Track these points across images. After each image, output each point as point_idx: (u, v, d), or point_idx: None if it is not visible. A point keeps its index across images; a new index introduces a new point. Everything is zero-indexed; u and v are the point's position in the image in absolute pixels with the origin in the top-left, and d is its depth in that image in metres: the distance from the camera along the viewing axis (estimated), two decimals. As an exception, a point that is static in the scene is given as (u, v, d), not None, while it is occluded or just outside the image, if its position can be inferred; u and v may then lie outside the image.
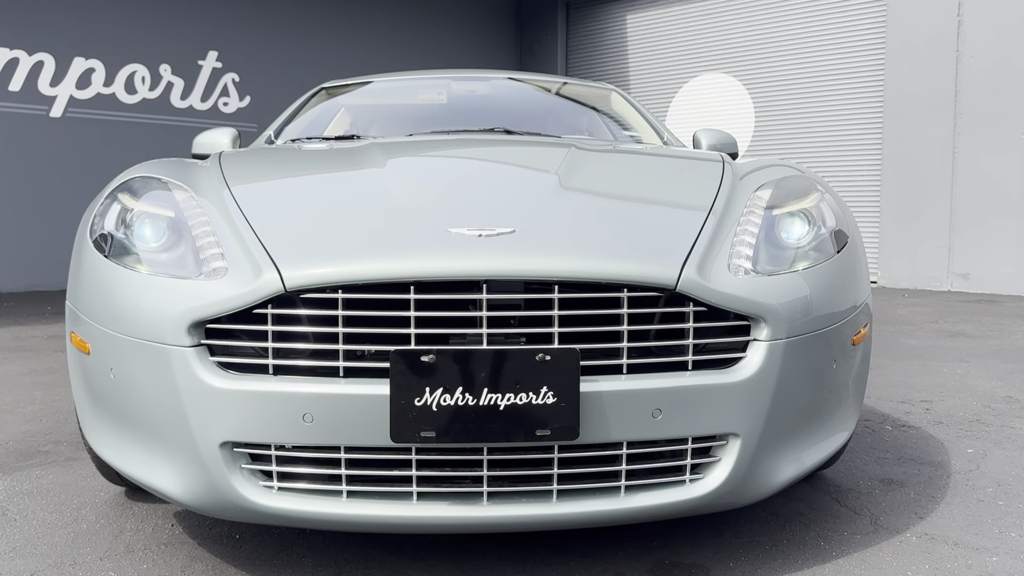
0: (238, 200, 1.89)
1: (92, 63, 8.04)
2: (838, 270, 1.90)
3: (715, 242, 1.77)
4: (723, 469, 1.67)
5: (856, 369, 1.98)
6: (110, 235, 1.88)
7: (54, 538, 2.00)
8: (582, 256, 1.62)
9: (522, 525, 1.61)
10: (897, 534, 2.00)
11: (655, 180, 2.28)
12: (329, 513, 1.59)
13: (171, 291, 1.67)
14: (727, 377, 1.64)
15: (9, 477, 2.46)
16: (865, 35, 9.05)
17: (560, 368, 1.52)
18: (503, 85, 3.73)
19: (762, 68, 9.82)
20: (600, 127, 3.49)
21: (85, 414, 1.93)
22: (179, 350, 1.61)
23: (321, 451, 1.59)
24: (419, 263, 1.56)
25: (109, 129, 8.21)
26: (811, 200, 2.03)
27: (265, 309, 1.58)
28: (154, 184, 2.00)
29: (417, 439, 1.52)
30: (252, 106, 9.20)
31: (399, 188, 1.94)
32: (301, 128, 3.30)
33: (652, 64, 10.85)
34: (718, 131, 3.35)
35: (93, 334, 1.81)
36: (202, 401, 1.59)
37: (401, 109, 3.63)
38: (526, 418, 1.52)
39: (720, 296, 1.64)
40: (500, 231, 1.66)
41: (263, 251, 1.65)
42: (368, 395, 1.53)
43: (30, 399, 3.49)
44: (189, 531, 2.03)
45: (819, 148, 9.42)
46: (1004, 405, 3.35)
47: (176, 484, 1.68)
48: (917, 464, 2.56)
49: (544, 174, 2.16)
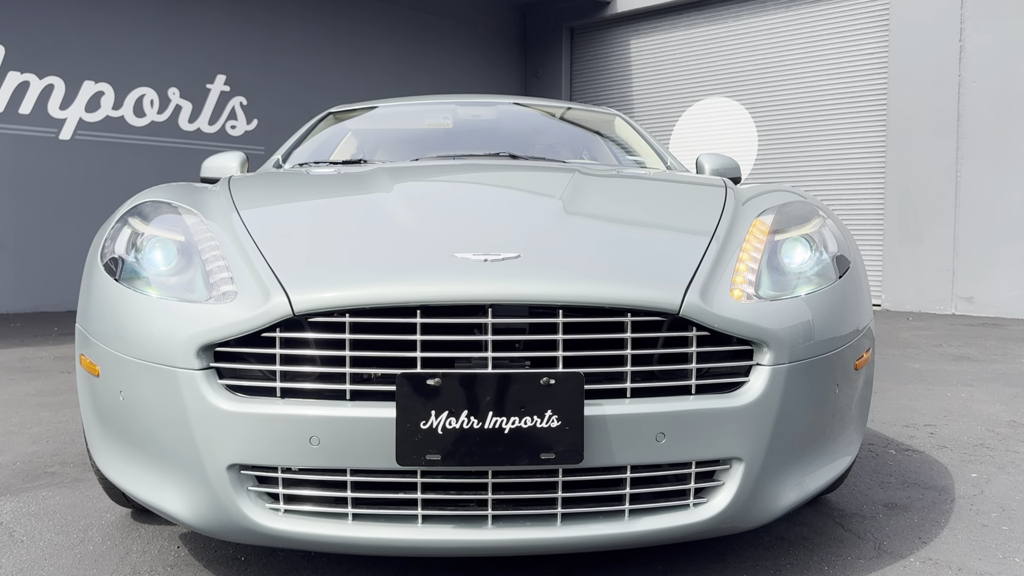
0: (247, 224, 1.92)
1: (101, 86, 8.13)
2: (840, 295, 1.91)
3: (718, 267, 1.79)
4: (727, 493, 1.67)
5: (859, 393, 1.99)
6: (121, 259, 1.91)
7: (61, 560, 2.01)
8: (586, 281, 1.63)
9: (526, 549, 1.61)
10: (901, 559, 2.00)
11: (658, 205, 2.30)
12: (334, 536, 1.60)
13: (180, 315, 1.69)
14: (730, 401, 1.65)
15: (16, 498, 2.48)
16: (868, 60, 9.12)
17: (564, 392, 1.53)
18: (508, 110, 3.77)
19: (765, 92, 9.88)
20: (604, 152, 3.52)
21: (93, 436, 1.95)
22: (188, 373, 1.63)
23: (327, 474, 1.60)
24: (425, 287, 1.58)
25: (118, 152, 8.28)
26: (813, 226, 2.05)
27: (273, 332, 1.60)
28: (164, 208, 2.04)
29: (423, 462, 1.53)
30: (259, 129, 9.28)
31: (405, 213, 1.97)
32: (309, 152, 3.33)
33: (656, 88, 10.93)
34: (721, 156, 3.38)
35: (103, 356, 1.83)
36: (210, 423, 1.60)
37: (408, 133, 3.67)
38: (531, 442, 1.53)
39: (723, 321, 1.65)
40: (505, 256, 1.68)
41: (272, 275, 1.67)
42: (374, 418, 1.55)
43: (37, 420, 3.51)
44: (195, 553, 2.04)
45: (822, 172, 9.46)
46: (1008, 429, 3.35)
47: (183, 506, 1.69)
48: (921, 488, 2.56)
49: (549, 199, 2.19)
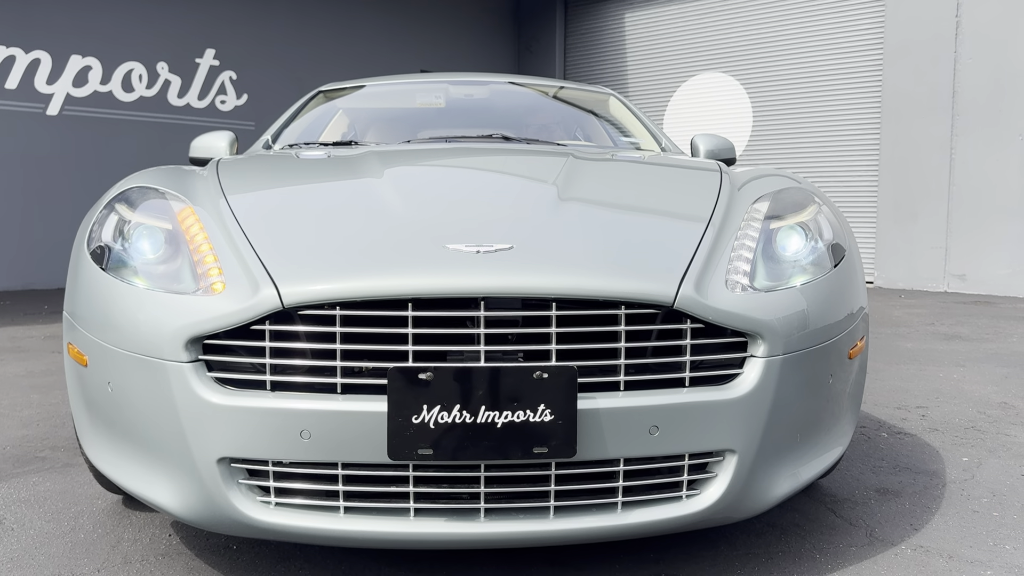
0: (236, 212, 1.89)
1: (89, 61, 8.02)
2: (835, 284, 1.90)
3: (713, 257, 1.77)
4: (720, 485, 1.67)
5: (852, 381, 1.99)
6: (108, 247, 1.88)
7: (52, 548, 2.00)
8: (579, 273, 1.61)
9: (519, 541, 1.61)
10: (892, 547, 2.01)
11: (653, 192, 2.28)
12: (326, 528, 1.59)
13: (168, 306, 1.67)
14: (724, 394, 1.64)
15: (6, 484, 2.46)
16: (863, 35, 9.05)
17: (557, 386, 1.52)
18: (501, 89, 3.72)
19: (760, 68, 9.82)
20: (598, 133, 3.49)
21: (83, 425, 1.93)
22: (176, 366, 1.61)
23: (319, 467, 1.59)
24: (417, 280, 1.56)
25: (106, 127, 8.19)
26: (808, 213, 2.03)
27: (263, 325, 1.58)
28: (151, 195, 2.00)
29: (415, 456, 1.52)
30: (249, 104, 9.18)
31: (397, 201, 1.94)
32: (299, 133, 3.29)
33: (650, 63, 10.84)
34: (716, 136, 3.35)
35: (90, 346, 1.81)
36: (199, 417, 1.59)
37: (399, 113, 3.62)
38: (523, 435, 1.52)
39: (717, 313, 1.64)
40: (498, 247, 1.66)
41: (261, 267, 1.64)
42: (366, 412, 1.53)
43: (27, 402, 3.49)
44: (186, 541, 2.03)
45: (817, 148, 9.42)
46: (999, 411, 3.36)
47: (174, 498, 1.68)
48: (913, 473, 2.57)
49: (542, 185, 2.16)
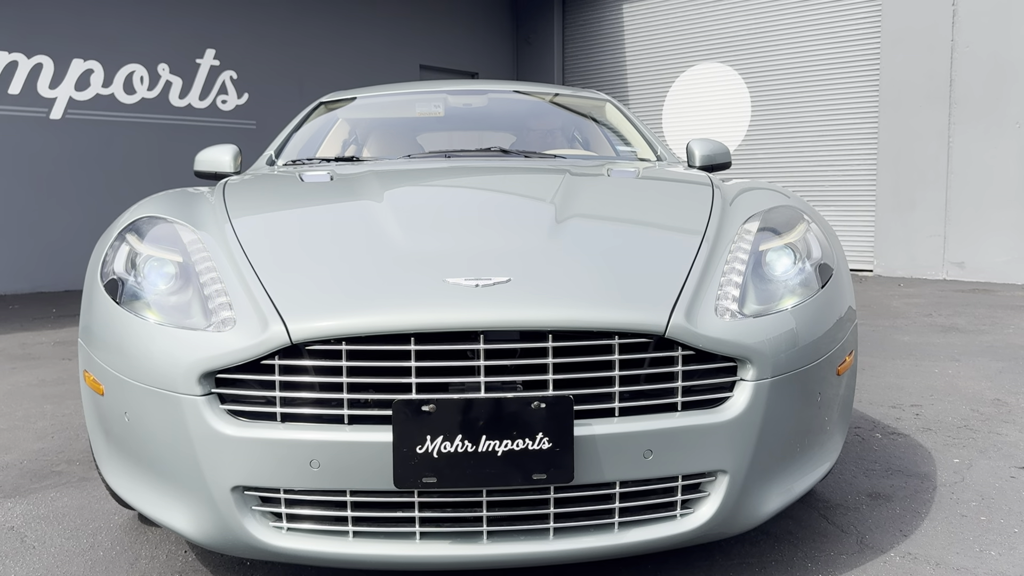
0: (243, 243, 1.96)
1: (90, 64, 8.07)
2: (823, 305, 1.97)
3: (703, 282, 1.84)
4: (712, 504, 1.74)
5: (841, 396, 2.06)
6: (121, 280, 1.95)
7: (73, 567, 2.08)
8: (574, 305, 1.68)
9: (521, 561, 1.69)
10: (882, 553, 2.09)
11: (646, 213, 2.33)
12: (336, 552, 1.67)
13: (182, 341, 1.74)
14: (715, 417, 1.71)
15: (26, 500, 2.54)
16: (860, 24, 9.06)
17: (554, 415, 1.59)
18: (499, 98, 3.79)
19: (758, 58, 9.83)
20: (595, 141, 3.56)
21: (100, 450, 2.01)
22: (190, 399, 1.68)
23: (328, 495, 1.67)
24: (419, 316, 1.63)
25: (109, 130, 8.24)
26: (798, 232, 2.09)
27: (272, 360, 1.65)
28: (160, 224, 2.07)
29: (419, 484, 1.59)
30: (250, 103, 9.22)
31: (397, 230, 2.00)
32: (301, 147, 3.38)
33: (648, 54, 10.86)
34: (711, 141, 3.42)
35: (106, 376, 1.88)
36: (213, 447, 1.67)
37: (400, 124, 3.70)
38: (523, 463, 1.59)
39: (707, 340, 1.71)
40: (496, 280, 1.73)
41: (269, 303, 1.72)
42: (372, 442, 1.61)
43: (41, 413, 3.57)
44: (202, 558, 2.11)
45: (815, 137, 9.45)
46: (992, 409, 3.43)
47: (190, 523, 1.76)
48: (904, 476, 2.64)
49: (539, 206, 2.24)
